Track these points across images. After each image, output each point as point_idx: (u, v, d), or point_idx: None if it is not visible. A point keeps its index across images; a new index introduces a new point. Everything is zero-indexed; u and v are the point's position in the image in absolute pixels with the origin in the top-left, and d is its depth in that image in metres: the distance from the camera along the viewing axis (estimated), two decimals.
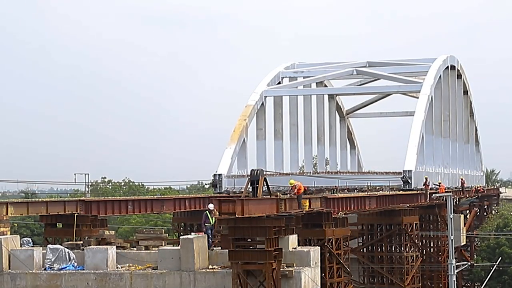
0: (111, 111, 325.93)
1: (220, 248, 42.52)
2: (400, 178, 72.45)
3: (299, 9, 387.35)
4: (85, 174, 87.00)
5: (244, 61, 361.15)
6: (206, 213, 42.76)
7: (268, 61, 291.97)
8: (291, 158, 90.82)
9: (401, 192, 70.78)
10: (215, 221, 42.43)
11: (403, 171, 72.78)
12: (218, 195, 70.68)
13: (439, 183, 77.35)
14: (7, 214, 46.67)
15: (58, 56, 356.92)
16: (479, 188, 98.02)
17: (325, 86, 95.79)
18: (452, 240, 49.61)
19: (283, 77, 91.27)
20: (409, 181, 72.04)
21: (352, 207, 57.78)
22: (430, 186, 74.51)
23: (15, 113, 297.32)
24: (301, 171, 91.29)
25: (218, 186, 74.97)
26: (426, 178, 75.57)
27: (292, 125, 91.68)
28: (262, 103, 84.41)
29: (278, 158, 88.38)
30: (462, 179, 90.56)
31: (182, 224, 72.55)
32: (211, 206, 42.84)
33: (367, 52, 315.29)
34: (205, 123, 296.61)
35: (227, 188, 75.07)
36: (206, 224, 42.59)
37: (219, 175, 75.15)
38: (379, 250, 69.82)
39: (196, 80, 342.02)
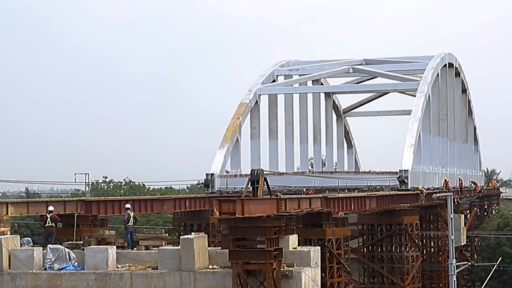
0: (112, 111, 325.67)
1: (220, 248, 42.52)
2: (396, 178, 72.14)
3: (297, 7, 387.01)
4: (85, 174, 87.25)
5: (240, 60, 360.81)
6: (128, 212, 46.11)
7: (263, 59, 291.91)
8: (286, 158, 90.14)
9: (401, 192, 70.60)
10: (134, 221, 45.71)
11: (400, 170, 72.20)
12: (215, 195, 70.48)
13: (446, 180, 77.67)
14: (7, 214, 46.63)
15: (57, 56, 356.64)
16: (476, 188, 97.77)
17: (321, 84, 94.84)
18: (452, 240, 49.61)
19: (278, 75, 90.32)
20: (406, 181, 71.61)
21: (352, 207, 57.69)
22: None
23: (15, 113, 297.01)
24: (298, 171, 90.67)
25: (210, 186, 74.69)
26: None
27: (287, 124, 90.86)
28: (256, 101, 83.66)
29: (273, 158, 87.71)
30: (460, 179, 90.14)
31: (183, 224, 72.52)
32: (128, 205, 47.54)
33: (364, 50, 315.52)
34: (206, 122, 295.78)
35: (220, 188, 74.76)
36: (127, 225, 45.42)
37: (211, 174, 74.81)
38: (379, 250, 69.74)
39: (197, 79, 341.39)
